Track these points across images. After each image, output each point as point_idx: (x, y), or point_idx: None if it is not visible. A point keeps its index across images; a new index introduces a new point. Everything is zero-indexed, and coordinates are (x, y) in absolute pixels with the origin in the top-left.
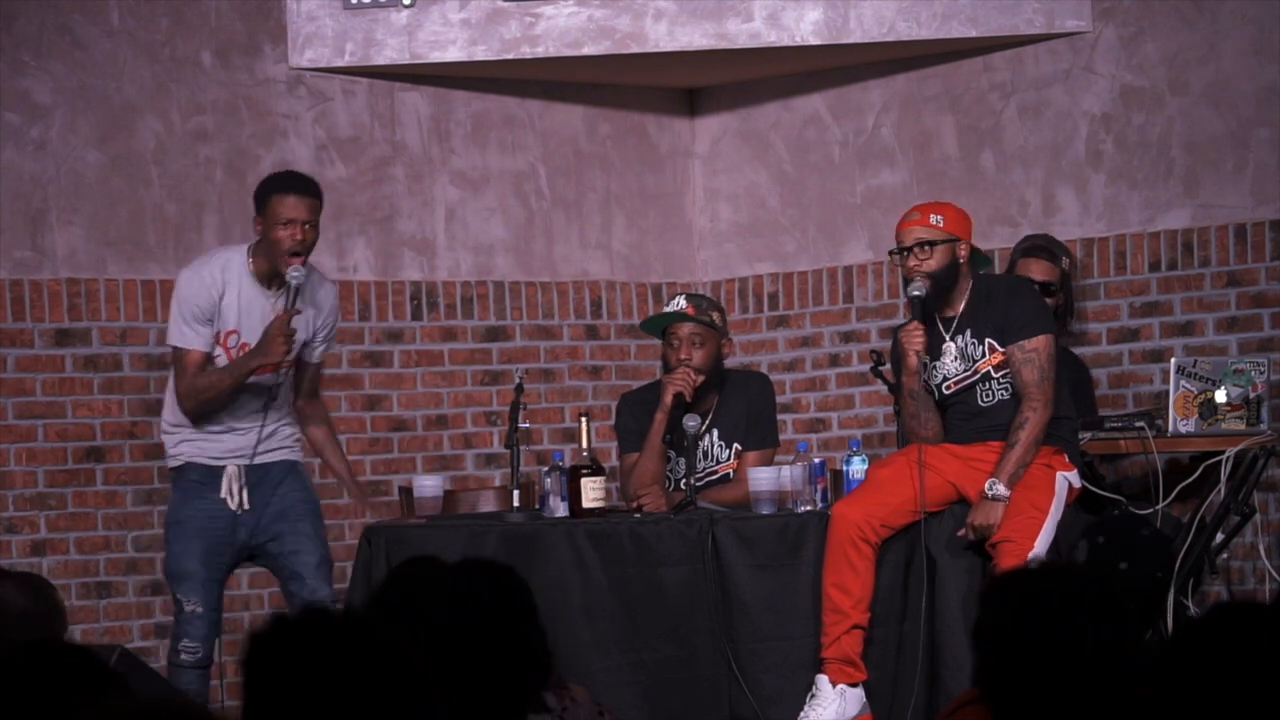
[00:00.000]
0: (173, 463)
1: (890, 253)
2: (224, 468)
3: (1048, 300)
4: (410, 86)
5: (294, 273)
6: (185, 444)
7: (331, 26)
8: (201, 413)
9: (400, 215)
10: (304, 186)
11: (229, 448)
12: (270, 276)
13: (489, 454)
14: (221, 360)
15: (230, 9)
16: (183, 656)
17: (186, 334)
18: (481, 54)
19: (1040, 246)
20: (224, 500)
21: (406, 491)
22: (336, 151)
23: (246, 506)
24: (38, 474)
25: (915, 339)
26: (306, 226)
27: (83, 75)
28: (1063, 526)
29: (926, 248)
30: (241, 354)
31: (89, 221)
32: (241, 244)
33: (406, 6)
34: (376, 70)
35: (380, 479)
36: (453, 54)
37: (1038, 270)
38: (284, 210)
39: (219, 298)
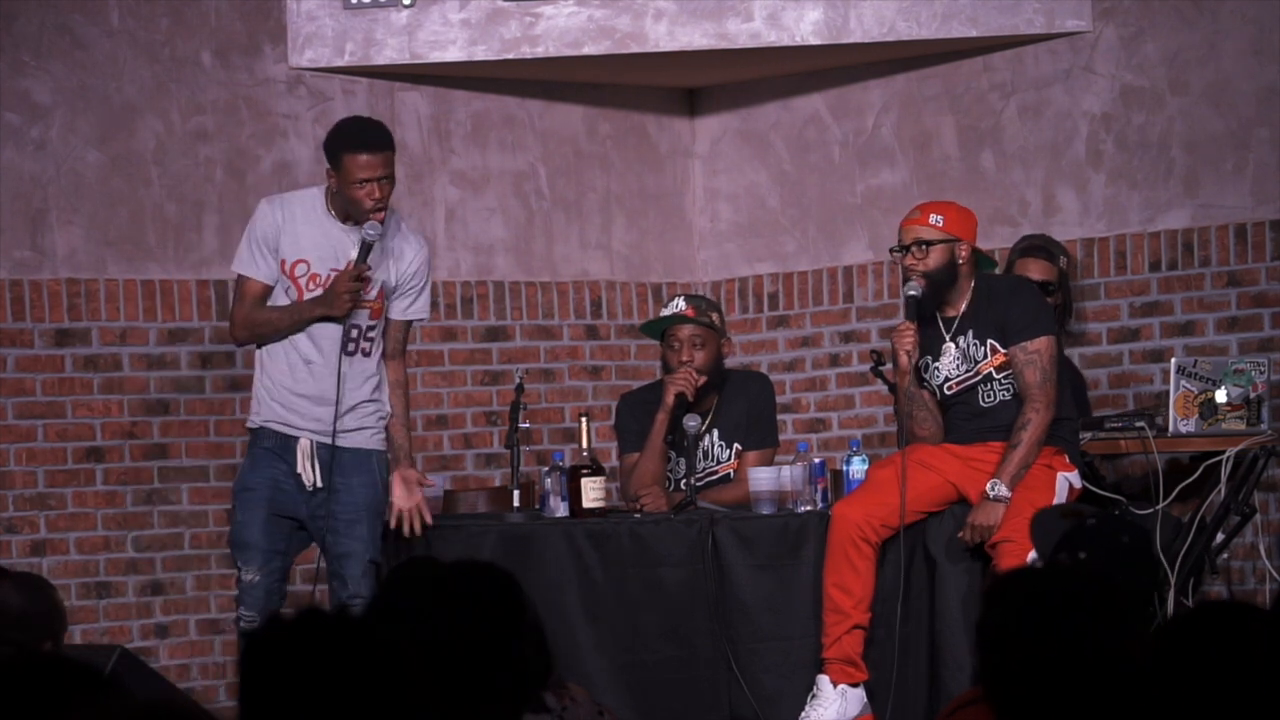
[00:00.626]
0: (250, 422)
1: (890, 250)
2: (299, 439)
3: (1046, 300)
4: (410, 86)
5: (369, 230)
6: (266, 404)
7: (331, 26)
8: (251, 343)
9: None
10: (375, 142)
11: (308, 417)
12: (347, 214)
13: (489, 454)
14: (291, 293)
15: (230, 9)
16: (241, 624)
17: (245, 260)
18: (481, 54)
19: (1038, 246)
20: (297, 474)
21: None
22: None
23: (320, 485)
24: (38, 474)
25: (906, 339)
26: (383, 181)
27: (83, 75)
28: (1042, 535)
29: (923, 247)
30: (310, 284)
31: (89, 221)
32: (320, 184)
33: (406, 6)
34: (376, 70)
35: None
36: (453, 54)
37: (1036, 270)
38: (357, 170)
39: (281, 225)
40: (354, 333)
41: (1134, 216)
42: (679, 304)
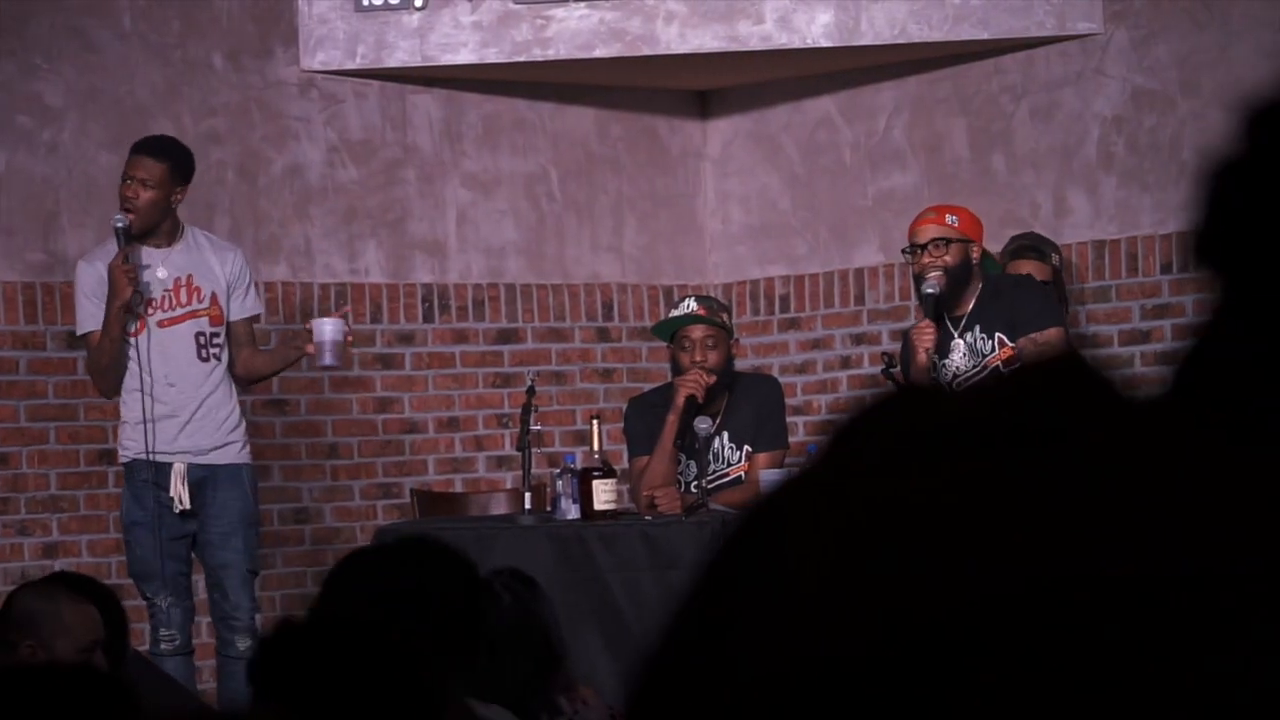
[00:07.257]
0: (122, 457)
1: (903, 251)
2: (172, 465)
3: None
4: (422, 89)
5: (116, 219)
6: (133, 438)
7: (343, 29)
8: (107, 386)
9: (411, 218)
10: (146, 146)
11: (176, 439)
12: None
13: (500, 456)
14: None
15: (242, 11)
16: (162, 646)
17: (91, 315)
18: (493, 56)
19: (1029, 246)
20: (171, 498)
21: (418, 494)
22: (348, 154)
23: (188, 507)
24: (50, 476)
25: (926, 337)
26: (136, 183)
27: (94, 78)
28: None
29: (942, 244)
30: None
31: (101, 224)
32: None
33: (418, 9)
34: (388, 73)
35: (392, 481)
36: (464, 56)
37: (1029, 270)
38: (126, 167)
39: (102, 275)
40: (201, 339)
41: (1145, 219)
42: (690, 304)
